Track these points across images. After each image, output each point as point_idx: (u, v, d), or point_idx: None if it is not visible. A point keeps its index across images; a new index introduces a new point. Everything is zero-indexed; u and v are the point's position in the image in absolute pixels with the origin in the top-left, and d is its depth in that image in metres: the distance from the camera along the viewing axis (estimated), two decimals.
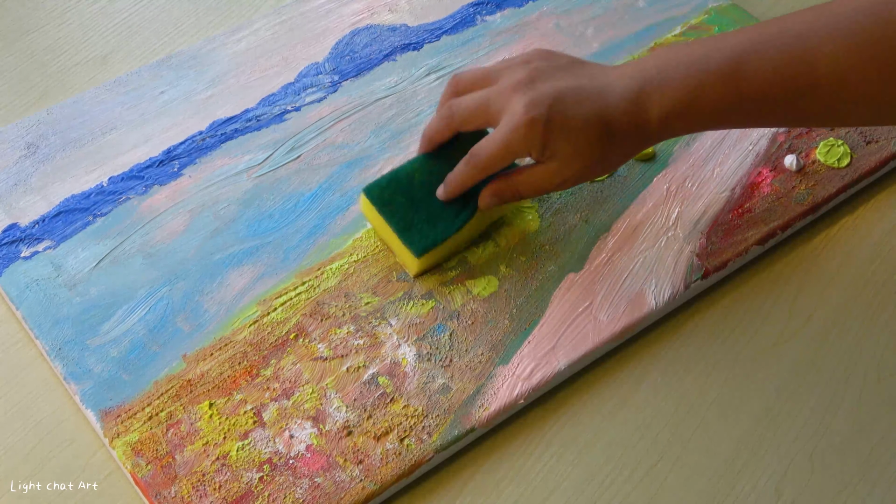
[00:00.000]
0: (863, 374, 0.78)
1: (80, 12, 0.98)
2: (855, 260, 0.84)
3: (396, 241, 0.78)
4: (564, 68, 0.75)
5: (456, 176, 0.77)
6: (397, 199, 0.78)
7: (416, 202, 0.78)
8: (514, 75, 0.74)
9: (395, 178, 0.79)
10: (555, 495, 0.71)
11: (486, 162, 0.75)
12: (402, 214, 0.78)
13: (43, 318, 0.76)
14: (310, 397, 0.73)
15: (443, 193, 0.78)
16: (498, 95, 0.74)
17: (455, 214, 0.78)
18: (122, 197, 0.83)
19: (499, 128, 0.73)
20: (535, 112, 0.71)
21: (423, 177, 0.79)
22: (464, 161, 0.76)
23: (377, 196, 0.78)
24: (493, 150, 0.74)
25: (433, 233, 0.77)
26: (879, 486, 0.73)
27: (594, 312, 0.78)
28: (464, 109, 0.76)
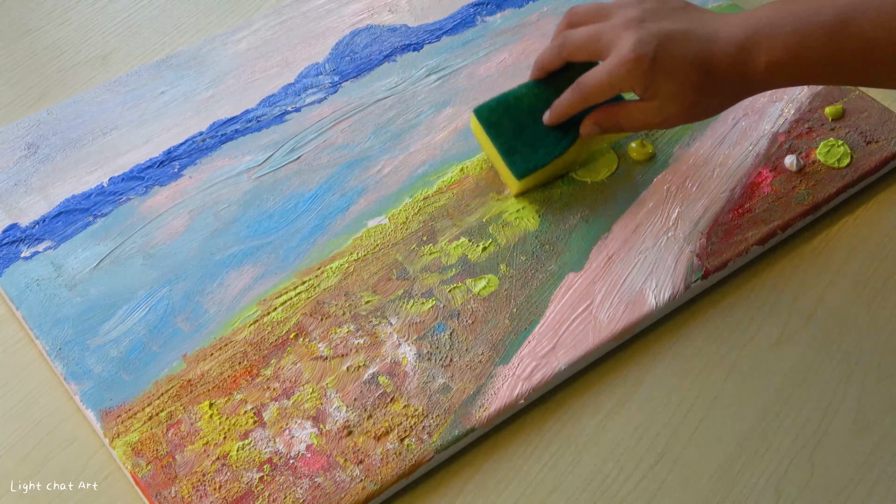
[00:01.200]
0: (863, 374, 0.78)
1: (80, 12, 0.98)
2: (855, 260, 0.84)
3: (500, 162, 0.82)
4: (677, 11, 0.77)
5: (562, 102, 0.80)
6: (504, 121, 0.82)
7: (522, 125, 0.82)
8: (627, 12, 0.77)
9: (505, 101, 0.83)
10: (555, 495, 0.71)
11: (591, 91, 0.78)
12: (507, 136, 0.82)
13: (43, 319, 0.76)
14: (310, 397, 0.73)
15: (548, 118, 0.81)
16: (610, 30, 0.77)
17: (557, 140, 0.81)
18: (122, 197, 0.83)
19: (607, 61, 0.77)
20: (642, 50, 0.74)
21: (531, 101, 0.82)
22: (570, 89, 0.79)
23: (486, 117, 0.82)
24: (598, 80, 0.77)
25: (535, 157, 0.81)
26: (879, 486, 0.73)
27: (594, 312, 0.78)
28: (575, 40, 0.79)
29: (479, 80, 0.93)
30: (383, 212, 0.84)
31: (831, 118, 0.90)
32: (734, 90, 0.77)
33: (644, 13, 0.77)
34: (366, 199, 0.84)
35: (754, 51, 0.74)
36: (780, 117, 0.90)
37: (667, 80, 0.75)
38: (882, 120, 0.90)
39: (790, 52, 0.73)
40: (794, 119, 0.90)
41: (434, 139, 0.89)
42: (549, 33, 0.97)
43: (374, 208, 0.84)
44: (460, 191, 0.85)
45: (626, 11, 0.77)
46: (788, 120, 0.90)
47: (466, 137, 0.89)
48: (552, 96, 0.82)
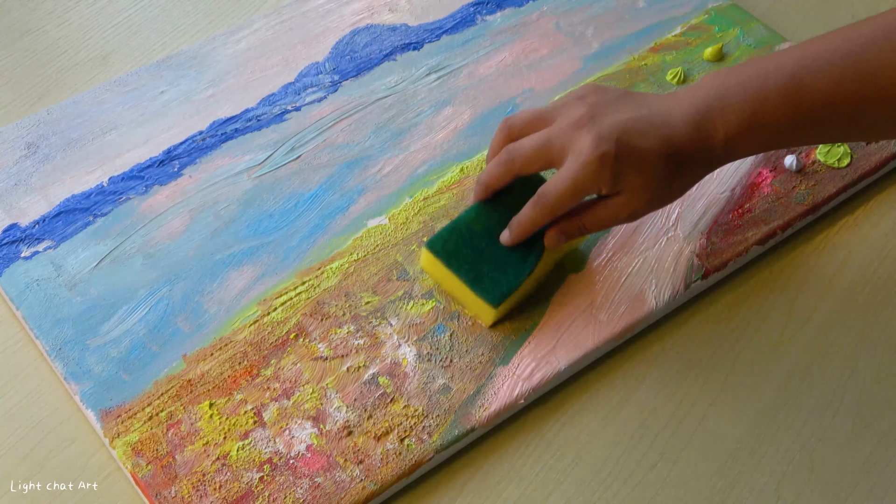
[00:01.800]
0: (863, 374, 0.78)
1: (80, 12, 0.98)
2: (855, 260, 0.84)
3: (468, 294, 0.76)
4: (620, 100, 0.74)
5: (523, 219, 0.75)
6: (462, 250, 0.76)
7: (481, 251, 0.76)
8: (572, 112, 0.73)
9: (456, 229, 0.77)
10: (555, 495, 0.72)
11: (556, 203, 0.73)
12: (470, 265, 0.76)
13: (43, 319, 0.76)
14: (310, 397, 0.73)
15: (508, 238, 0.76)
16: (560, 134, 0.72)
17: (523, 258, 0.76)
18: (122, 197, 0.83)
19: (566, 167, 0.72)
20: (605, 147, 0.70)
21: (483, 224, 0.77)
22: (531, 204, 0.74)
23: (441, 249, 0.76)
24: (562, 189, 0.72)
25: (506, 280, 0.75)
26: (879, 486, 0.73)
27: (594, 312, 0.78)
28: (524, 152, 0.74)
29: (480, 79, 0.93)
30: (383, 212, 0.84)
31: None
32: (700, 168, 0.73)
33: (591, 108, 0.73)
34: (366, 198, 0.84)
35: (710, 128, 0.71)
36: None
37: (634, 173, 0.71)
38: None
39: (745, 123, 0.71)
40: None
41: (434, 139, 0.88)
42: (549, 33, 0.97)
43: (374, 208, 0.84)
44: (460, 191, 0.85)
45: (571, 111, 0.73)
46: None
47: (466, 137, 0.89)
48: (503, 214, 0.76)
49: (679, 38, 0.97)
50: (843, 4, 1.02)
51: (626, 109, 0.73)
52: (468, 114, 0.90)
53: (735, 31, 0.97)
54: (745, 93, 0.71)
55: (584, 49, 0.96)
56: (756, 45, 0.96)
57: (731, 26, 0.97)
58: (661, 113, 0.72)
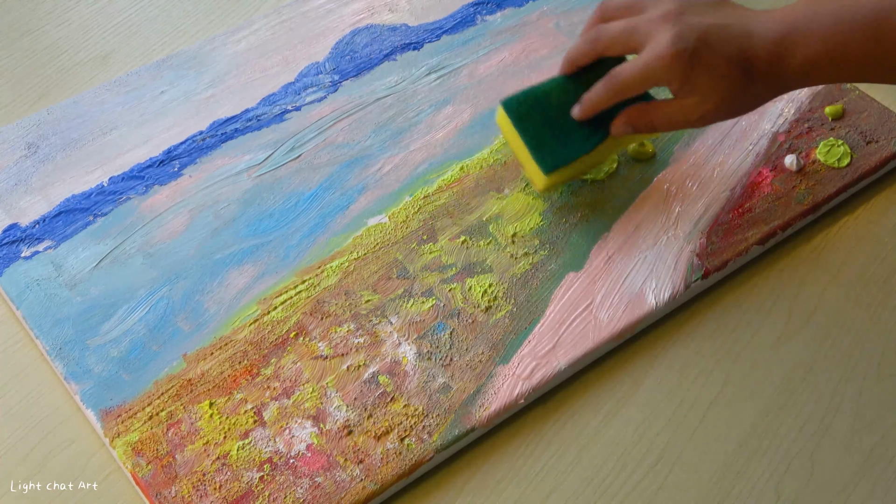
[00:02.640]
0: (863, 374, 0.78)
1: (80, 12, 0.98)
2: (855, 260, 0.84)
3: (527, 156, 0.80)
4: (713, 5, 0.76)
5: (592, 95, 0.78)
6: (533, 114, 0.79)
7: (551, 120, 0.79)
8: (663, 5, 0.75)
9: (533, 94, 0.80)
10: (555, 495, 0.71)
11: (624, 84, 0.76)
12: (536, 130, 0.79)
13: (43, 318, 0.76)
14: (310, 396, 0.73)
15: (578, 112, 0.79)
16: (646, 23, 0.75)
17: (587, 136, 0.79)
18: (122, 197, 0.83)
19: (643, 54, 0.74)
20: (682, 45, 0.72)
21: (560, 96, 0.80)
22: (602, 81, 0.77)
23: (514, 109, 0.80)
24: (632, 73, 0.75)
25: (563, 152, 0.79)
26: (879, 486, 0.73)
27: (594, 312, 0.78)
28: (610, 33, 0.77)
29: (480, 78, 0.93)
30: (383, 210, 0.84)
31: (831, 118, 0.90)
32: (771, 87, 0.75)
33: (681, 6, 0.75)
34: (366, 197, 0.84)
35: (791, 48, 0.73)
36: (780, 117, 0.90)
37: (706, 76, 0.73)
38: (882, 120, 0.90)
39: (827, 49, 0.72)
40: (795, 119, 0.90)
41: (434, 138, 0.89)
42: (549, 33, 0.97)
43: (374, 207, 0.84)
44: (460, 189, 0.85)
45: (663, 4, 0.76)
46: (788, 119, 0.90)
47: (467, 136, 0.89)
48: (581, 92, 0.79)
49: None
50: None
51: (713, 14, 0.75)
52: (468, 113, 0.90)
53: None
54: (831, 22, 0.72)
55: None
56: None
57: None
58: (747, 25, 0.74)
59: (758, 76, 0.74)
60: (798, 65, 0.73)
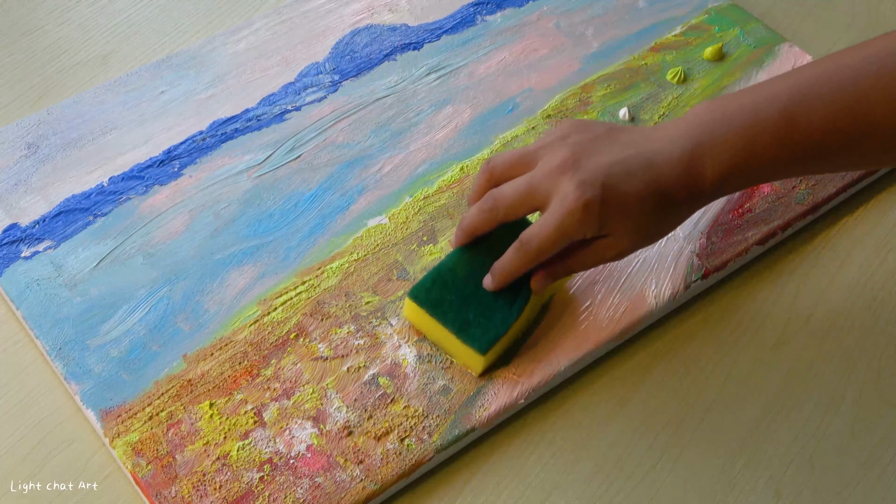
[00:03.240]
0: (863, 374, 0.78)
1: (80, 12, 0.98)
2: (855, 260, 0.84)
3: (455, 342, 0.74)
4: (605, 138, 0.72)
5: (505, 265, 0.73)
6: (447, 297, 0.74)
7: (466, 297, 0.74)
8: (555, 155, 0.71)
9: (439, 276, 0.75)
10: (555, 495, 0.72)
11: (539, 250, 0.71)
12: (455, 313, 0.74)
13: (43, 318, 0.76)
14: (310, 397, 0.73)
15: (491, 284, 0.74)
16: (543, 178, 0.71)
17: (509, 302, 0.74)
18: (122, 197, 0.83)
19: (549, 213, 0.70)
20: (590, 193, 0.68)
21: (466, 270, 0.75)
22: (513, 250, 0.72)
23: (425, 298, 0.74)
24: (546, 236, 0.70)
25: (493, 326, 0.73)
26: (879, 486, 0.73)
27: (594, 312, 0.78)
28: (508, 199, 0.72)
29: (480, 78, 0.93)
30: (383, 211, 0.84)
31: None
32: (687, 208, 0.72)
33: (574, 150, 0.70)
34: (366, 198, 0.84)
35: (698, 167, 0.70)
36: None
37: (620, 218, 0.70)
38: None
39: (735, 162, 0.69)
40: None
41: (434, 138, 0.89)
42: (549, 33, 0.97)
43: (374, 207, 0.84)
44: (460, 190, 0.85)
45: (554, 153, 0.71)
46: None
47: (467, 136, 0.89)
48: (487, 259, 0.74)
49: (679, 37, 0.97)
50: (843, 4, 1.02)
51: (610, 150, 0.71)
52: (468, 113, 0.90)
53: (735, 30, 0.97)
54: (734, 129, 0.69)
55: (584, 49, 0.96)
56: (756, 45, 0.96)
57: (731, 26, 0.98)
58: (647, 153, 0.70)
59: (671, 203, 0.70)
60: (710, 182, 0.70)
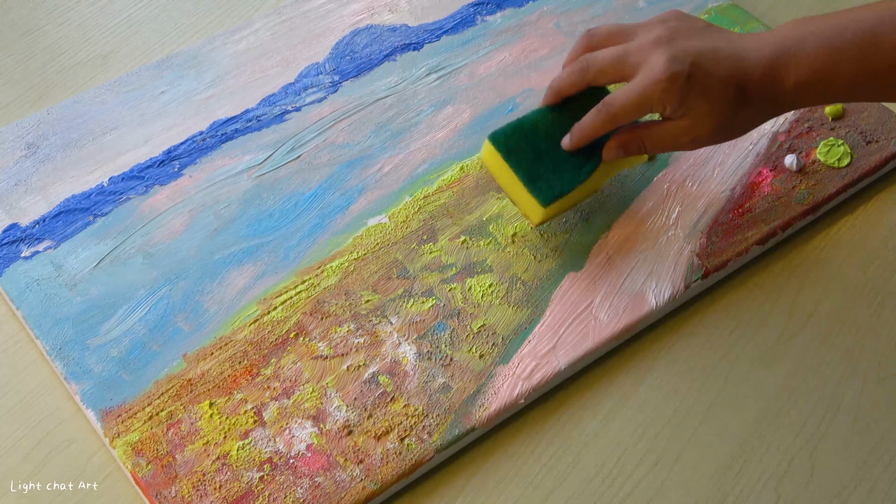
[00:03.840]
0: (863, 374, 0.78)
1: (80, 12, 0.98)
2: (855, 260, 0.84)
3: (521, 190, 0.78)
4: (701, 30, 0.75)
5: (585, 125, 0.76)
6: (523, 147, 0.78)
7: (541, 152, 0.78)
8: (652, 32, 0.75)
9: (521, 127, 0.78)
10: (555, 495, 0.72)
11: (619, 112, 0.74)
12: (528, 163, 0.77)
13: (43, 318, 0.76)
14: (310, 396, 0.73)
15: (568, 143, 0.78)
16: (637, 50, 0.74)
17: (579, 165, 0.77)
18: (122, 197, 0.83)
19: (637, 80, 0.73)
20: (677, 67, 0.72)
21: (547, 127, 0.78)
22: (595, 110, 0.75)
23: (503, 143, 0.78)
24: (628, 101, 0.74)
25: (559, 183, 0.77)
26: (879, 486, 0.73)
27: (594, 312, 0.78)
28: (600, 62, 0.75)
29: (479, 79, 0.93)
30: (383, 210, 0.84)
31: (831, 118, 0.90)
32: (764, 109, 0.75)
33: (671, 31, 0.74)
34: (366, 197, 0.84)
35: (783, 70, 0.72)
36: (781, 117, 0.90)
37: (701, 99, 0.73)
38: (882, 120, 0.90)
39: (818, 71, 0.72)
40: (795, 118, 0.90)
41: (434, 138, 0.89)
42: (549, 33, 0.97)
43: (374, 207, 0.84)
44: (460, 189, 0.85)
45: (652, 30, 0.75)
46: (789, 119, 0.90)
47: (466, 136, 0.89)
48: (567, 121, 0.78)
49: None
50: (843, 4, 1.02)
51: (704, 38, 0.74)
52: (468, 113, 0.90)
53: (735, 31, 0.97)
54: (821, 43, 0.72)
55: None
56: None
57: (731, 26, 0.97)
58: (738, 48, 0.74)
59: (751, 99, 0.73)
60: (790, 87, 0.73)
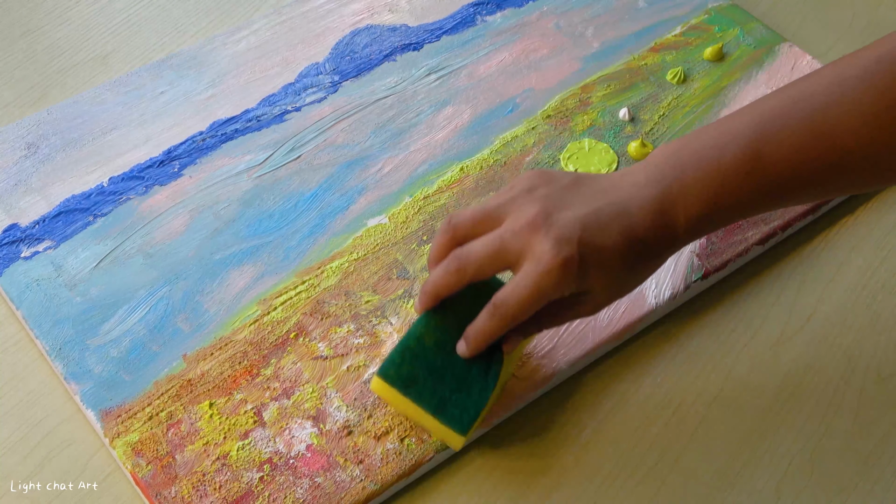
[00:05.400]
0: (863, 374, 0.78)
1: (80, 12, 0.98)
2: (855, 260, 0.84)
3: (432, 422, 0.70)
4: (572, 189, 0.69)
5: (480, 330, 0.69)
6: (419, 373, 0.69)
7: (438, 370, 0.70)
8: (523, 211, 0.67)
9: (408, 349, 0.70)
10: (555, 495, 0.71)
11: (517, 312, 0.67)
12: (430, 390, 0.69)
13: (43, 319, 0.76)
14: (310, 397, 0.73)
15: (465, 350, 0.70)
16: (513, 235, 0.67)
17: (484, 369, 0.70)
18: (122, 197, 0.83)
19: (524, 273, 0.66)
20: (567, 251, 0.65)
21: (434, 338, 0.70)
22: (488, 314, 0.68)
23: (395, 376, 0.69)
24: (523, 299, 0.66)
25: (472, 400, 0.69)
26: (879, 486, 0.73)
27: None
28: (477, 258, 0.67)
29: (479, 79, 0.93)
30: (383, 211, 0.84)
31: None
32: (661, 254, 0.69)
33: (544, 206, 0.67)
34: (366, 198, 0.84)
35: (671, 214, 0.67)
36: None
37: (599, 274, 0.67)
38: None
39: (706, 206, 0.67)
40: None
41: (434, 138, 0.89)
42: (549, 33, 0.97)
43: (374, 207, 0.84)
44: (460, 190, 0.85)
45: (522, 209, 0.67)
46: None
47: (467, 137, 0.89)
48: (453, 324, 0.70)
49: (679, 37, 0.97)
50: (843, 5, 1.02)
51: (580, 202, 0.68)
52: (468, 113, 0.90)
53: (735, 31, 0.97)
54: (701, 171, 0.67)
55: (584, 49, 0.96)
56: (756, 45, 0.96)
57: (731, 26, 0.98)
58: (618, 201, 0.68)
59: (648, 251, 0.68)
60: (683, 227, 0.68)
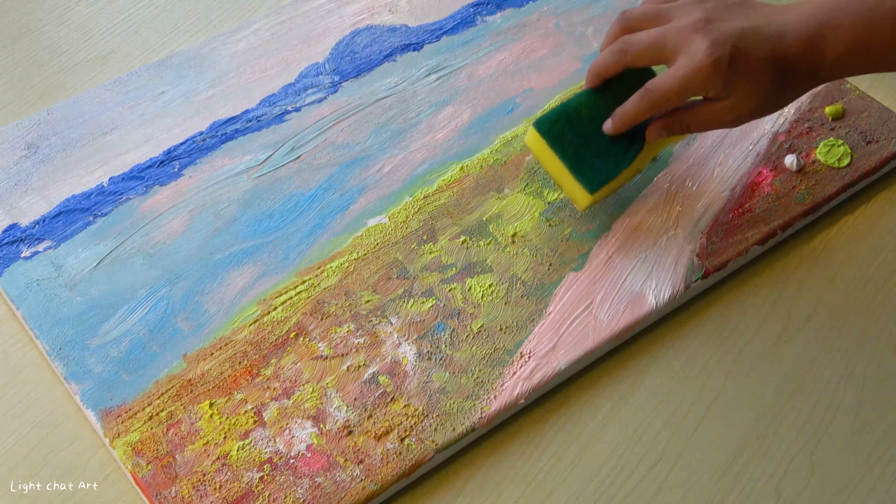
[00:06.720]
0: (863, 374, 0.78)
1: (80, 12, 0.98)
2: (855, 260, 0.84)
3: (567, 176, 0.79)
4: (737, 7, 0.76)
5: (627, 110, 0.77)
6: (568, 133, 0.79)
7: (586, 137, 0.79)
8: (689, 14, 0.75)
9: (564, 113, 0.79)
10: (555, 495, 0.71)
11: (663, 99, 0.75)
12: (573, 150, 0.78)
13: (43, 319, 0.76)
14: (310, 397, 0.73)
15: (611, 127, 0.78)
16: (675, 33, 0.75)
17: (624, 148, 0.79)
18: (122, 197, 0.83)
19: (678, 66, 0.74)
20: (719, 53, 0.73)
21: (591, 111, 0.79)
22: (637, 96, 0.77)
23: (548, 130, 0.79)
24: (671, 87, 0.75)
25: (605, 169, 0.78)
26: (879, 486, 0.73)
27: (594, 312, 0.78)
28: (639, 45, 0.76)
29: (480, 79, 0.93)
30: (383, 211, 0.84)
31: (831, 118, 0.90)
32: (804, 83, 0.76)
33: (708, 13, 0.75)
34: (366, 198, 0.84)
35: (821, 46, 0.74)
36: (781, 116, 0.90)
37: (744, 80, 0.74)
38: (882, 120, 0.90)
39: (855, 44, 0.73)
40: (795, 118, 0.90)
41: (434, 138, 0.89)
42: (549, 33, 0.97)
43: (374, 207, 0.84)
44: (460, 189, 0.85)
45: (689, 12, 0.76)
46: (789, 119, 0.90)
47: (467, 136, 0.89)
48: (611, 104, 0.79)
49: None
50: None
51: (742, 17, 0.75)
52: (468, 113, 0.90)
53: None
54: (859, 13, 0.73)
55: (584, 49, 0.96)
56: None
57: None
58: (776, 25, 0.75)
59: (791, 75, 0.75)
60: (831, 59, 0.74)
